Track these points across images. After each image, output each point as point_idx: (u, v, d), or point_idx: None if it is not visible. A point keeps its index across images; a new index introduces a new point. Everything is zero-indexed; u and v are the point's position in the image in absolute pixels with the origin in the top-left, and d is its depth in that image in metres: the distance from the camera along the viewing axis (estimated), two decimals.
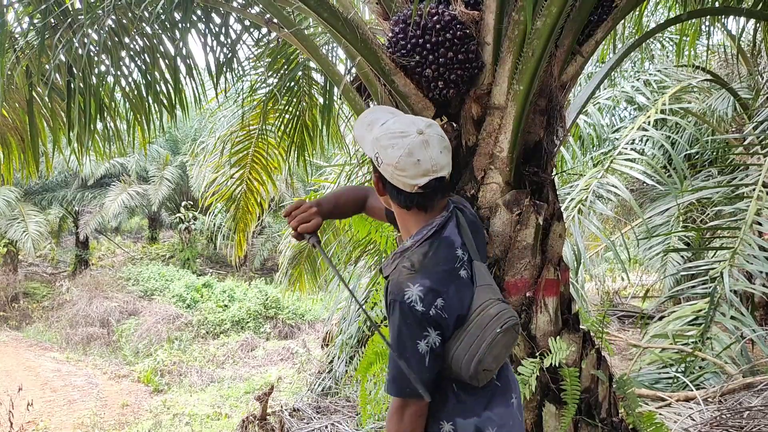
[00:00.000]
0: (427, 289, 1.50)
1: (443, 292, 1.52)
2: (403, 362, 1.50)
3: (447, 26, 2.10)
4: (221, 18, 3.39)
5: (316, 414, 4.97)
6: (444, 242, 1.60)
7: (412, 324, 1.50)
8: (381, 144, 1.57)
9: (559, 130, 2.32)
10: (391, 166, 1.54)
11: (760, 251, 5.22)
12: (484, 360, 1.52)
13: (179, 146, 17.46)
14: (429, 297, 1.49)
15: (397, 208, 1.66)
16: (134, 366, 10.70)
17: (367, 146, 1.63)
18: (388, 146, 1.55)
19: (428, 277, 1.52)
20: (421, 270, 1.54)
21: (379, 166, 1.59)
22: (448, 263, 1.58)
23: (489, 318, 1.53)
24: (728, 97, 6.41)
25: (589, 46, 2.34)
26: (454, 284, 1.56)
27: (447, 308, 1.52)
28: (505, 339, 1.55)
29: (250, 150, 5.23)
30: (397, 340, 1.53)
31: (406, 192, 1.57)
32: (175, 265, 17.04)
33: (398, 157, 1.53)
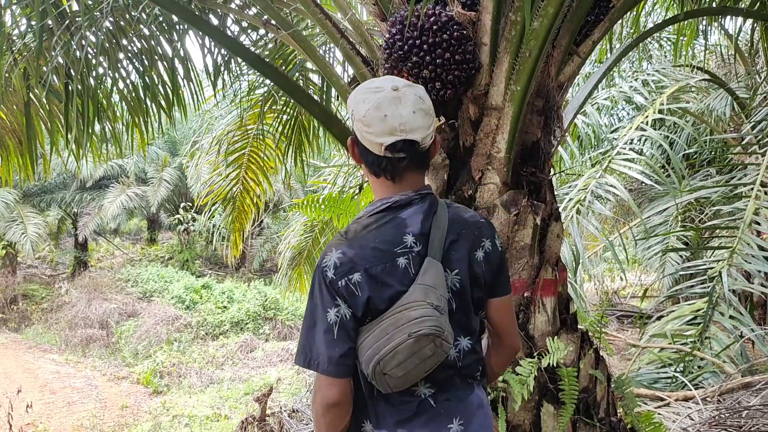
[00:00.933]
0: (347, 259, 1.38)
1: (363, 269, 1.38)
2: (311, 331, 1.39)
3: (444, 27, 2.10)
4: (219, 19, 3.40)
5: None
6: (395, 221, 1.45)
7: (323, 290, 1.38)
8: (355, 99, 1.45)
9: (557, 130, 2.32)
10: (359, 122, 1.42)
11: (758, 251, 5.22)
12: (385, 363, 1.34)
13: (178, 148, 17.45)
14: (345, 267, 1.37)
15: (369, 175, 1.52)
16: (133, 367, 10.69)
17: (348, 106, 1.50)
18: (360, 101, 1.43)
19: (354, 248, 1.40)
20: (352, 239, 1.42)
21: (352, 123, 1.47)
22: (387, 244, 1.42)
23: (407, 320, 1.35)
24: (726, 96, 6.42)
25: (586, 46, 2.35)
26: (384, 266, 1.39)
27: (363, 287, 1.37)
28: (417, 348, 1.34)
29: (246, 150, 5.24)
30: (308, 306, 1.42)
31: (374, 154, 1.44)
32: (174, 266, 17.02)
33: (366, 110, 1.40)
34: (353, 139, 1.49)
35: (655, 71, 6.70)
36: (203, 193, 6.13)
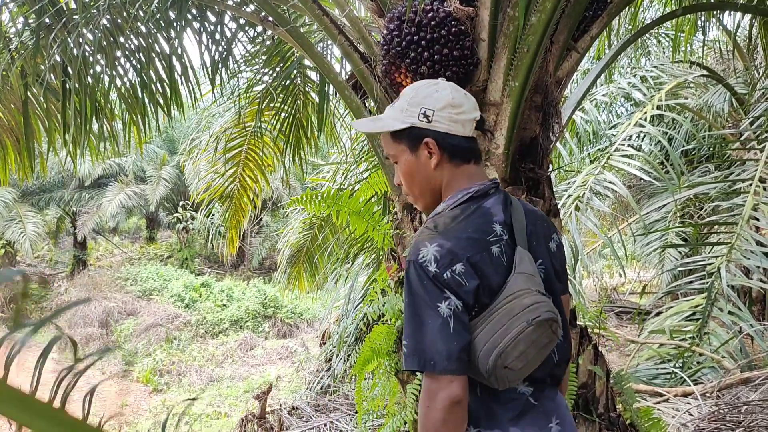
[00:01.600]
0: (446, 251, 1.32)
1: (465, 258, 1.33)
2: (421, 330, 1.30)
3: (442, 23, 2.10)
4: (216, 16, 3.39)
5: (315, 412, 4.97)
6: (481, 210, 1.43)
7: (427, 285, 1.31)
8: (421, 96, 1.47)
9: (555, 126, 2.32)
10: (447, 108, 1.44)
11: (757, 246, 5.22)
12: (507, 355, 1.28)
13: (176, 146, 17.44)
14: (446, 259, 1.32)
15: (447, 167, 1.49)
16: (133, 366, 10.70)
17: (403, 114, 1.48)
18: (430, 94, 1.47)
19: (449, 239, 1.34)
20: (445, 232, 1.37)
21: (430, 121, 1.45)
22: (480, 233, 1.39)
23: (521, 308, 1.31)
24: (725, 92, 6.42)
25: (585, 41, 2.34)
26: (481, 255, 1.36)
27: (468, 277, 1.32)
28: (535, 335, 1.31)
29: (243, 148, 5.23)
30: (412, 306, 1.34)
31: (462, 139, 1.47)
32: (174, 265, 17.03)
33: (448, 94, 1.45)
34: (433, 141, 1.47)
35: (654, 67, 6.70)
36: (200, 190, 6.13)
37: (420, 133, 1.47)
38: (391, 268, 2.53)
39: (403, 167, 1.53)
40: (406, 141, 1.50)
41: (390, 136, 1.53)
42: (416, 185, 1.54)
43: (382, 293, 2.54)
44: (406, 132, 1.49)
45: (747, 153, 6.53)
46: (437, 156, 1.48)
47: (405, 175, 1.54)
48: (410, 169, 1.52)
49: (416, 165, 1.50)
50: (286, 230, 7.90)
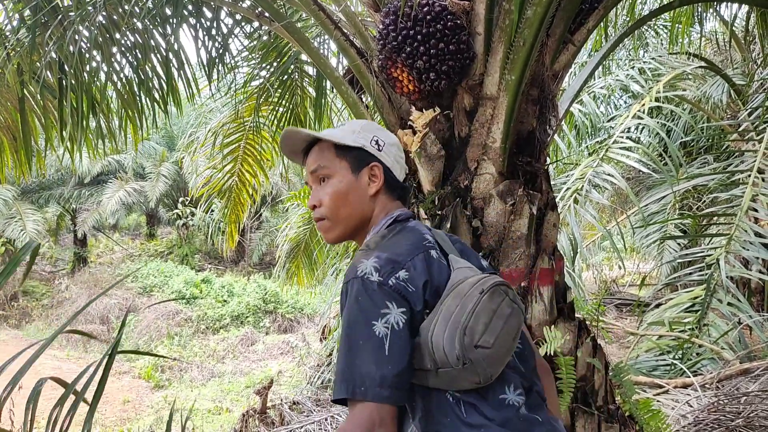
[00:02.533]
0: (385, 260, 1.26)
1: (406, 264, 1.27)
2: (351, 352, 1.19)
3: (437, 17, 2.10)
4: (212, 12, 3.38)
5: (316, 406, 4.99)
6: (407, 229, 1.42)
7: (366, 300, 1.21)
8: (374, 128, 1.52)
9: (552, 119, 2.32)
10: (395, 147, 1.52)
11: (755, 237, 5.23)
12: (471, 330, 1.18)
13: (175, 142, 17.43)
14: (387, 267, 1.25)
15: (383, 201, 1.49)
16: (135, 362, 10.72)
17: (355, 135, 1.49)
18: (381, 129, 1.53)
19: (386, 251, 1.30)
20: (379, 248, 1.32)
21: (380, 150, 1.48)
22: (414, 242, 1.35)
23: (470, 286, 1.24)
24: (723, 83, 6.41)
25: (581, 34, 2.34)
26: (421, 256, 1.31)
27: (413, 280, 1.25)
28: (493, 304, 1.22)
29: (242, 143, 5.23)
30: (347, 325, 1.22)
31: (396, 179, 1.52)
32: (174, 261, 17.04)
33: (395, 139, 1.53)
34: (379, 169, 1.48)
35: (652, 59, 6.69)
36: (199, 185, 6.13)
37: (368, 157, 1.48)
38: None
39: (337, 185, 1.46)
40: (350, 159, 1.47)
41: (332, 149, 1.49)
42: (347, 207, 1.46)
43: None
44: (355, 151, 1.48)
45: (745, 144, 6.53)
46: (379, 183, 1.48)
47: (336, 194, 1.46)
48: (346, 189, 1.46)
49: (354, 186, 1.46)
50: (284, 225, 7.91)
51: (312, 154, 1.52)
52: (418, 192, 2.42)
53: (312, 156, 1.52)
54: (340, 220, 1.47)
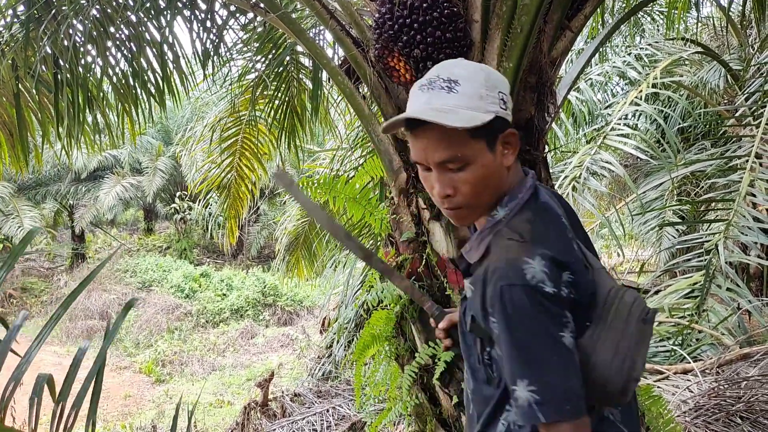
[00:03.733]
0: (551, 262, 1.11)
1: (569, 264, 1.14)
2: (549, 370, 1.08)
3: (434, 5, 2.08)
4: (207, 3, 3.36)
5: (317, 398, 5.00)
6: (546, 208, 1.25)
7: (547, 311, 1.09)
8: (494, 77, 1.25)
9: (550, 107, 2.31)
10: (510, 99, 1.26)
11: (754, 222, 5.23)
12: (634, 361, 1.12)
13: (172, 137, 17.39)
14: (556, 272, 1.11)
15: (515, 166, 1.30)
16: (135, 357, 10.76)
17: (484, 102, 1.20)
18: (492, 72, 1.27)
19: (547, 247, 1.13)
20: (536, 240, 1.15)
21: (507, 107, 1.23)
22: (562, 233, 1.21)
23: (626, 307, 1.15)
24: (720, 69, 6.40)
25: (578, 20, 2.32)
26: (574, 256, 1.18)
27: (576, 286, 1.13)
28: (647, 333, 1.16)
29: (239, 137, 5.21)
30: (531, 339, 1.09)
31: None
32: (172, 255, 17.05)
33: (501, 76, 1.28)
34: (513, 135, 1.27)
35: (648, 45, 6.67)
36: (197, 181, 6.12)
37: (502, 125, 1.23)
38: (389, 253, 2.52)
39: (478, 171, 1.21)
40: (485, 136, 1.20)
41: (465, 134, 1.18)
42: (488, 190, 1.25)
43: (380, 279, 2.54)
44: (490, 123, 1.19)
45: (743, 129, 6.52)
46: (516, 148, 1.26)
47: (478, 181, 1.22)
48: (488, 172, 1.23)
49: (494, 165, 1.23)
50: (283, 218, 7.90)
51: (433, 139, 1.20)
52: (417, 181, 2.41)
53: (436, 143, 1.20)
54: (480, 206, 1.27)
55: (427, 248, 2.34)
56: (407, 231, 2.40)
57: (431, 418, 2.41)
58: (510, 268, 1.11)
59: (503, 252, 1.15)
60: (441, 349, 2.24)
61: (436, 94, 1.21)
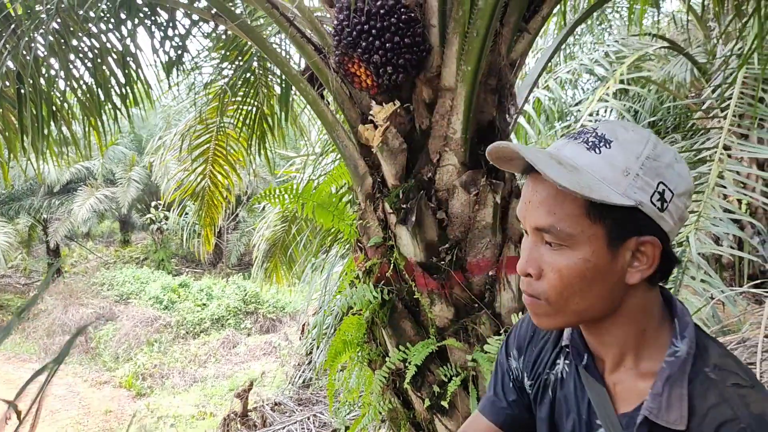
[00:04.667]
0: None
1: None
2: None
3: (391, 11, 2.08)
4: (168, 13, 3.33)
5: (298, 406, 4.98)
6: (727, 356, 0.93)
7: None
8: (665, 162, 0.88)
9: (511, 108, 2.32)
10: (685, 196, 0.89)
11: (724, 213, 5.30)
12: None
13: (144, 146, 17.21)
14: None
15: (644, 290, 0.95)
16: (115, 372, 10.62)
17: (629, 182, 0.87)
18: (673, 162, 0.89)
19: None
20: (754, 379, 0.89)
21: (664, 208, 0.88)
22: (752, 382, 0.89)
23: None
24: (686, 62, 6.48)
25: (536, 22, 2.34)
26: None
27: None
28: None
29: (210, 144, 5.17)
30: None
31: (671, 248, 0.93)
32: (150, 266, 16.86)
33: (689, 177, 0.89)
34: (655, 242, 0.90)
35: (615, 42, 6.74)
36: (170, 189, 6.06)
37: (641, 222, 0.88)
38: (358, 259, 2.52)
39: (578, 264, 0.90)
40: (609, 225, 0.89)
41: (581, 206, 0.89)
42: (585, 298, 0.93)
43: (350, 285, 2.54)
44: (624, 213, 0.88)
45: (710, 121, 6.61)
46: (650, 267, 0.91)
47: (573, 275, 0.91)
48: (592, 273, 0.90)
49: (606, 270, 0.90)
50: (260, 225, 7.86)
51: (540, 196, 0.93)
52: (382, 186, 2.41)
53: (540, 201, 0.92)
54: (566, 312, 0.95)
55: (395, 252, 2.34)
56: (375, 236, 2.40)
57: (405, 421, 2.41)
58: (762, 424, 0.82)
59: (743, 407, 0.84)
60: (412, 352, 2.25)
61: (575, 146, 0.91)
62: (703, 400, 0.86)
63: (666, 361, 0.91)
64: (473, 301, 2.27)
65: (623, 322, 0.96)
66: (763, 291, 5.55)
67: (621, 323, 0.96)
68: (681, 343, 0.91)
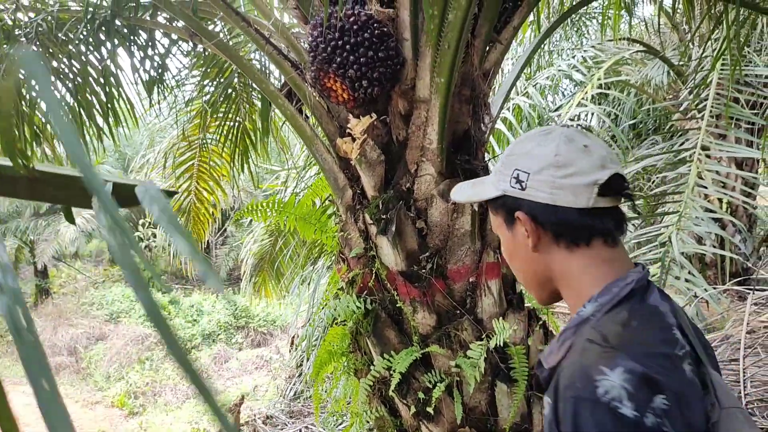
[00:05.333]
0: (639, 379, 0.86)
1: (665, 387, 0.87)
2: None
3: (364, 26, 2.13)
4: (147, 33, 3.37)
5: (290, 419, 4.98)
6: (651, 310, 1.00)
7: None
8: (517, 153, 1.11)
9: (486, 117, 2.37)
10: (548, 169, 1.04)
11: (705, 213, 5.38)
12: None
13: (130, 164, 17.16)
14: (643, 392, 0.85)
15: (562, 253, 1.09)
16: (107, 391, 10.55)
17: (497, 177, 1.14)
18: (530, 149, 1.09)
19: (636, 358, 0.88)
20: (623, 346, 0.91)
21: (524, 188, 1.07)
22: (667, 345, 0.95)
23: None
24: (662, 65, 6.59)
25: (508, 32, 2.40)
26: (679, 380, 0.90)
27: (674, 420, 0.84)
28: None
29: (194, 161, 5.20)
30: None
31: (576, 213, 1.04)
32: None
33: (555, 148, 1.05)
34: (525, 216, 1.09)
35: (591, 47, 6.84)
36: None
37: (513, 204, 1.11)
38: (341, 270, 2.56)
39: (505, 245, 1.19)
40: (501, 212, 1.16)
41: (491, 205, 1.19)
42: (517, 270, 1.20)
43: (334, 297, 2.57)
44: (500, 201, 1.14)
45: (689, 122, 6.72)
46: (534, 235, 1.09)
47: (508, 255, 1.20)
48: (508, 249, 1.19)
49: (513, 244, 1.15)
50: (247, 239, 7.87)
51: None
52: (362, 198, 2.45)
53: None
54: (526, 285, 1.20)
55: (377, 263, 2.37)
56: (356, 247, 2.43)
57: (392, 429, 2.44)
58: (580, 377, 0.89)
59: (578, 356, 0.93)
60: (396, 360, 2.28)
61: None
62: (573, 348, 0.98)
63: (572, 318, 1.05)
64: (455, 308, 2.31)
65: (562, 286, 1.12)
66: (746, 288, 5.64)
67: (562, 288, 1.12)
68: (589, 306, 1.03)
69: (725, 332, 4.35)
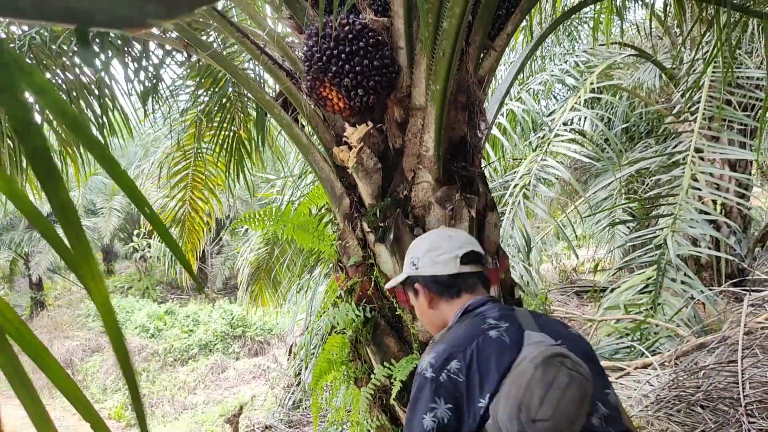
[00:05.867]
0: (441, 353, 1.38)
1: (458, 353, 1.36)
2: None
3: (359, 35, 2.14)
4: (141, 44, 3.37)
5: (289, 428, 4.96)
6: (473, 315, 1.51)
7: (421, 394, 1.34)
8: (413, 248, 1.70)
9: (481, 123, 2.38)
10: (426, 255, 1.60)
11: (700, 215, 5.40)
12: (528, 407, 1.18)
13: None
14: (441, 361, 1.36)
15: (439, 305, 1.61)
16: (103, 403, 10.48)
17: (405, 267, 1.71)
18: (417, 243, 1.71)
19: (444, 343, 1.42)
20: (440, 340, 1.46)
21: (417, 269, 1.62)
22: (473, 327, 1.44)
23: (526, 363, 1.26)
24: (654, 69, 6.63)
25: (501, 39, 2.41)
26: (476, 342, 1.37)
27: (464, 370, 1.33)
28: (548, 377, 1.20)
29: (189, 170, 5.19)
30: (407, 416, 1.38)
31: (446, 276, 1.57)
32: (135, 295, 16.70)
33: (428, 241, 1.64)
34: (420, 285, 1.63)
35: (583, 52, 6.88)
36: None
37: (413, 280, 1.66)
38: (339, 278, 2.55)
39: (416, 311, 1.73)
40: (409, 288, 1.70)
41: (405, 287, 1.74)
42: (427, 323, 1.71)
43: (333, 305, 2.56)
44: (408, 281, 1.70)
45: (682, 125, 6.75)
46: (426, 297, 1.63)
47: (419, 316, 1.75)
48: (418, 311, 1.71)
49: (419, 307, 1.68)
50: (243, 248, 7.85)
51: None
52: (360, 206, 2.45)
53: None
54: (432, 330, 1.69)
55: (375, 270, 2.37)
56: (354, 255, 2.43)
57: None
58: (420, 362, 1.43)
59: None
60: (396, 368, 2.27)
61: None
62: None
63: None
64: None
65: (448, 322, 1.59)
66: (742, 289, 5.66)
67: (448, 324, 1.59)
68: (441, 332, 1.55)
69: (722, 334, 4.35)
